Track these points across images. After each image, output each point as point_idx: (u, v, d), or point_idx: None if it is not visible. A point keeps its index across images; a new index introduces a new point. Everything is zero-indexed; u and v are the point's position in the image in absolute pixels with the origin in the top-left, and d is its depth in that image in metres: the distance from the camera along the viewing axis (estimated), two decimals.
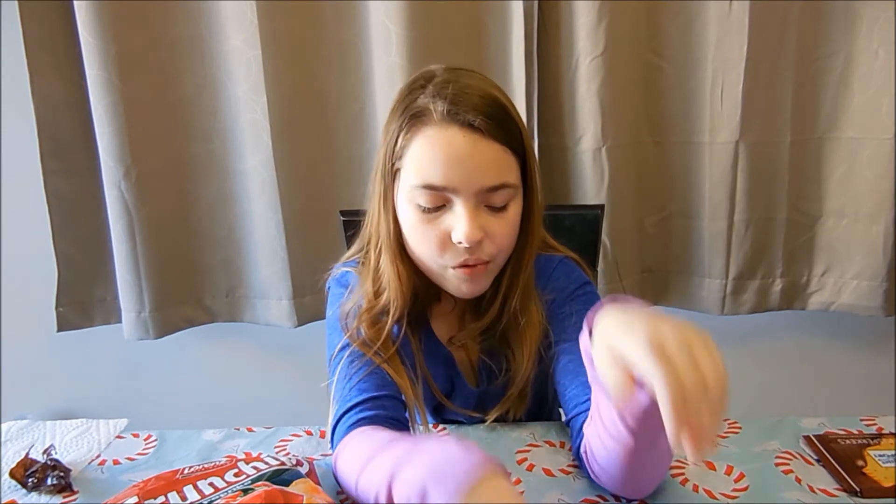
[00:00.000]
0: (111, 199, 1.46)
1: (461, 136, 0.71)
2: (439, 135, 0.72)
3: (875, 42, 1.35)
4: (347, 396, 0.75)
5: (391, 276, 0.79)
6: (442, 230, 0.74)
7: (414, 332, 0.84)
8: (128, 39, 1.39)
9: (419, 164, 0.73)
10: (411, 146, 0.74)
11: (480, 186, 0.72)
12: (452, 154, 0.72)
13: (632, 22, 1.39)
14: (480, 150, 0.72)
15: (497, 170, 0.73)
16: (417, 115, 0.74)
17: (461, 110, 0.72)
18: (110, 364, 1.75)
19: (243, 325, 1.63)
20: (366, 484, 0.63)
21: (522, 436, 0.84)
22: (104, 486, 0.76)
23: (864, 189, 1.41)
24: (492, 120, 0.72)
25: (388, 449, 0.63)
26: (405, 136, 0.74)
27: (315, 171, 1.50)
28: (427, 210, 0.74)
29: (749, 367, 1.68)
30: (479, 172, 0.72)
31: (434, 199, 0.73)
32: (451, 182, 0.72)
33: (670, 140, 1.47)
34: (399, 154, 0.75)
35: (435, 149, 0.72)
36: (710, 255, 1.49)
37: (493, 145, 0.72)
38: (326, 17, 1.43)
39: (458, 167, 0.72)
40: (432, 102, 0.73)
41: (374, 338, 0.79)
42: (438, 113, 0.72)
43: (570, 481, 0.74)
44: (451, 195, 0.73)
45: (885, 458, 0.75)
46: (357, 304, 0.82)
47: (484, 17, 1.41)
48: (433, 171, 0.72)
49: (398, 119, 0.75)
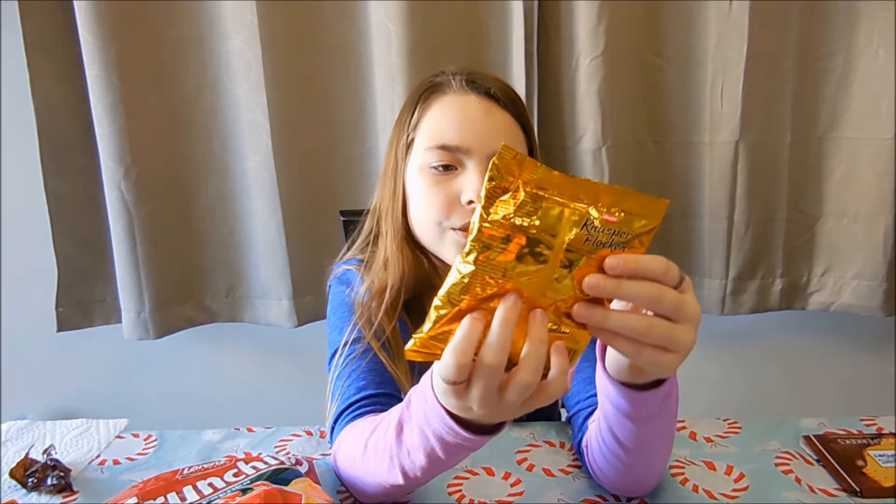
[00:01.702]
0: (111, 199, 1.46)
1: (477, 102, 0.77)
2: (457, 99, 0.78)
3: (875, 42, 1.35)
4: (346, 394, 0.76)
5: (393, 252, 0.81)
6: (451, 191, 0.77)
7: (414, 326, 0.84)
8: (128, 39, 1.39)
9: (436, 127, 0.78)
10: (428, 114, 0.79)
11: (492, 150, 0.74)
12: (469, 116, 0.77)
13: (632, 22, 1.38)
14: (495, 117, 0.77)
15: (509, 138, 0.77)
16: (435, 88, 0.79)
17: (478, 80, 0.78)
18: (110, 364, 1.75)
19: (243, 325, 1.63)
20: (369, 464, 0.64)
21: (522, 436, 0.84)
22: (104, 486, 0.76)
23: (864, 189, 1.41)
24: (506, 94, 0.78)
25: (383, 422, 0.64)
26: (422, 107, 0.79)
27: (315, 171, 1.50)
28: (439, 172, 0.77)
29: (749, 367, 1.68)
30: (492, 136, 0.76)
31: (447, 160, 0.77)
32: (466, 142, 0.76)
33: (670, 140, 1.47)
34: (415, 124, 0.80)
35: (452, 111, 0.77)
36: (710, 255, 1.49)
37: (506, 115, 0.78)
38: (326, 17, 1.43)
39: (473, 129, 0.76)
40: (451, 77, 0.80)
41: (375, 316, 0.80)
42: (457, 82, 0.79)
43: (570, 481, 0.75)
44: (464, 157, 0.76)
45: (885, 458, 0.75)
46: (366, 290, 0.82)
47: (484, 17, 1.41)
48: (449, 132, 0.76)
49: (413, 100, 0.80)
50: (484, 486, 0.74)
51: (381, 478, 0.64)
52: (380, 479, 0.64)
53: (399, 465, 0.61)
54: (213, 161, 1.51)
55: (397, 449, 0.60)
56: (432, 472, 0.61)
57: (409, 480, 0.62)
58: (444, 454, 0.57)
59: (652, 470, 0.69)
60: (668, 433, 0.65)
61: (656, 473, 0.71)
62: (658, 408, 0.58)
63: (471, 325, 0.45)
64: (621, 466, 0.67)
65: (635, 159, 1.45)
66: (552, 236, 0.43)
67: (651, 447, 0.64)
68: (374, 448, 0.64)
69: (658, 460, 0.68)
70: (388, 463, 0.62)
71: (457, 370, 0.46)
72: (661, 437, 0.64)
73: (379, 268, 0.82)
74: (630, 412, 0.58)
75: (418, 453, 0.58)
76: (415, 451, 0.58)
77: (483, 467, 0.77)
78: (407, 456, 0.59)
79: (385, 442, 0.62)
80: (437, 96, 0.79)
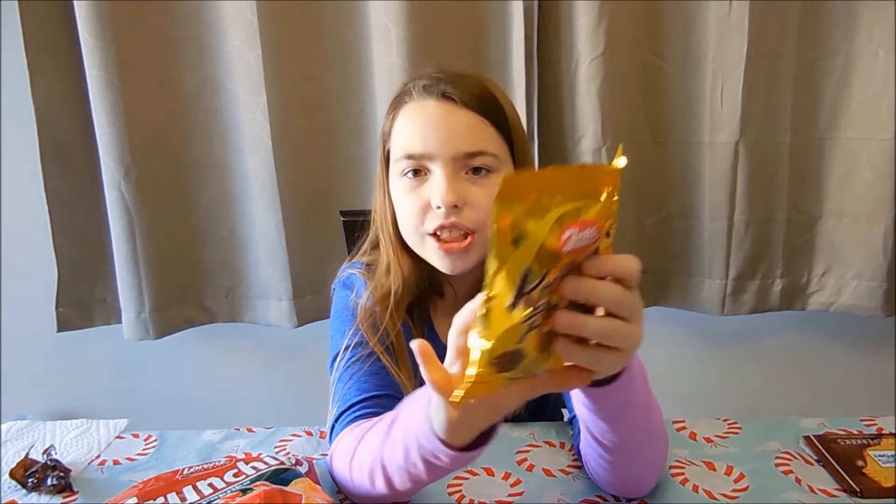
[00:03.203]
0: (111, 199, 1.46)
1: (435, 105, 0.76)
2: (417, 107, 0.78)
3: (875, 42, 1.35)
4: (347, 395, 0.76)
5: (392, 260, 0.82)
6: (423, 197, 0.77)
7: (417, 329, 0.85)
8: (128, 39, 1.39)
9: (401, 137, 0.78)
10: (395, 124, 0.79)
11: (456, 152, 0.75)
12: (428, 122, 0.76)
13: (632, 22, 1.38)
14: (455, 118, 0.76)
15: (472, 136, 0.76)
16: (400, 96, 0.80)
17: (436, 83, 0.77)
18: (110, 364, 1.75)
19: (243, 326, 1.63)
20: (359, 466, 0.66)
21: (522, 436, 0.84)
22: (104, 486, 0.76)
23: (864, 189, 1.41)
24: (466, 91, 0.76)
25: (374, 428, 0.66)
26: (392, 117, 0.80)
27: (315, 171, 1.50)
28: (410, 179, 0.77)
29: (749, 367, 1.68)
30: (453, 138, 0.75)
31: (415, 167, 0.77)
32: (428, 148, 0.75)
33: (670, 140, 1.47)
34: (387, 135, 0.81)
35: (413, 120, 0.78)
36: (709, 256, 1.49)
37: (467, 113, 0.76)
38: (326, 17, 1.43)
39: (433, 134, 0.76)
40: (414, 83, 0.79)
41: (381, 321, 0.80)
42: (417, 89, 0.78)
43: (570, 481, 0.75)
44: (429, 163, 0.76)
45: (885, 459, 0.75)
46: (370, 295, 0.83)
47: (484, 17, 1.41)
48: (411, 140, 0.77)
49: (388, 110, 0.81)
50: (484, 486, 0.74)
51: (366, 485, 0.66)
52: (366, 485, 0.66)
53: (382, 474, 0.63)
54: (213, 161, 1.51)
55: (383, 450, 0.62)
56: (415, 487, 0.64)
57: (393, 492, 0.64)
58: (427, 473, 0.59)
59: (639, 469, 0.69)
60: (643, 430, 0.64)
61: (647, 473, 0.70)
62: (622, 402, 0.58)
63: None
64: (608, 466, 0.67)
65: (635, 159, 1.45)
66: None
67: (629, 445, 0.64)
68: (361, 455, 0.66)
69: (642, 460, 0.68)
70: (370, 471, 0.64)
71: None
72: (637, 434, 0.64)
73: (381, 273, 0.83)
74: (596, 409, 0.59)
75: (399, 464, 0.60)
76: (397, 458, 0.60)
77: (483, 467, 0.77)
78: (392, 460, 0.61)
79: (373, 446, 0.64)
80: (402, 105, 0.79)
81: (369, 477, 0.64)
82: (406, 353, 0.81)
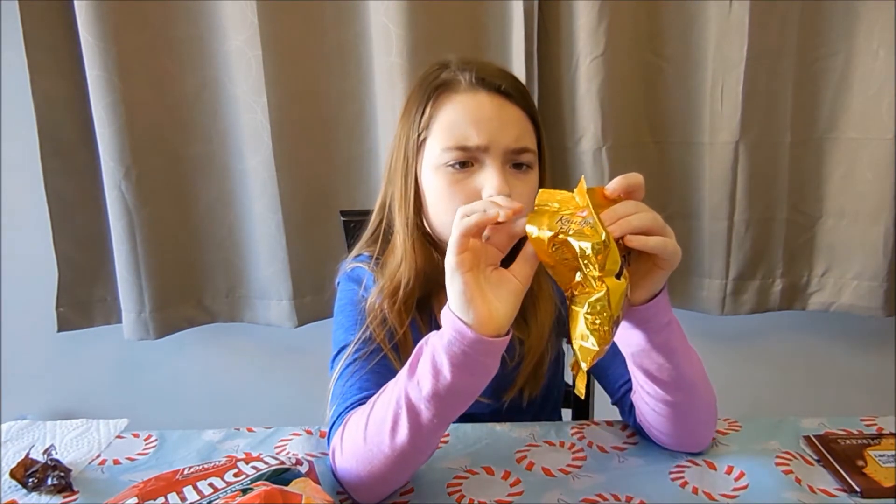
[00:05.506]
0: (111, 199, 1.46)
1: (489, 100, 0.78)
2: (469, 99, 0.79)
3: (875, 42, 1.35)
4: (347, 394, 0.75)
5: (407, 250, 0.82)
6: (471, 189, 0.78)
7: (425, 325, 0.85)
8: (128, 39, 1.39)
9: (450, 128, 0.78)
10: (440, 114, 0.79)
11: (507, 146, 0.77)
12: (482, 115, 0.78)
13: (632, 22, 1.39)
14: (507, 113, 0.79)
15: (521, 132, 0.79)
16: (444, 86, 0.80)
17: (487, 77, 0.79)
18: (110, 364, 1.75)
19: (243, 325, 1.63)
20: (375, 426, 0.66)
21: (522, 436, 0.84)
22: (104, 486, 0.76)
23: (864, 189, 1.41)
24: (514, 87, 0.80)
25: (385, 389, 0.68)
26: (432, 106, 0.80)
27: (315, 171, 1.50)
28: (456, 170, 0.78)
29: (749, 367, 1.68)
30: (506, 133, 0.77)
31: (465, 158, 0.78)
32: (483, 141, 0.77)
33: (670, 140, 1.47)
34: (426, 124, 0.80)
35: (466, 112, 0.78)
36: (710, 256, 1.49)
37: (517, 110, 0.79)
38: (326, 17, 1.43)
39: (487, 127, 0.77)
40: (459, 74, 0.80)
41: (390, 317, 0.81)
42: (466, 81, 0.79)
43: (570, 481, 0.75)
44: (482, 154, 0.77)
45: (885, 459, 0.75)
46: (380, 291, 0.82)
47: (484, 17, 1.41)
48: (465, 132, 0.77)
49: (422, 96, 0.81)
50: (483, 486, 0.74)
51: (385, 445, 0.65)
52: (384, 447, 0.65)
53: (406, 412, 0.63)
54: (213, 161, 1.51)
55: (407, 384, 0.64)
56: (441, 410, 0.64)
57: (415, 436, 0.64)
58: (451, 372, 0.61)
59: (697, 417, 0.75)
60: (696, 367, 0.72)
61: (704, 424, 0.77)
62: (669, 319, 0.67)
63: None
64: (669, 412, 0.72)
65: (635, 159, 1.45)
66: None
67: (686, 378, 0.70)
68: (380, 407, 0.67)
69: (699, 402, 0.74)
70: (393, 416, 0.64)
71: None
72: (691, 370, 0.71)
73: (394, 267, 0.83)
74: (649, 336, 0.66)
75: (426, 379, 0.62)
76: (424, 379, 0.62)
77: (483, 467, 0.77)
78: (416, 387, 0.63)
79: (393, 392, 0.66)
80: (447, 95, 0.79)
81: (391, 428, 0.64)
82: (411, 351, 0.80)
